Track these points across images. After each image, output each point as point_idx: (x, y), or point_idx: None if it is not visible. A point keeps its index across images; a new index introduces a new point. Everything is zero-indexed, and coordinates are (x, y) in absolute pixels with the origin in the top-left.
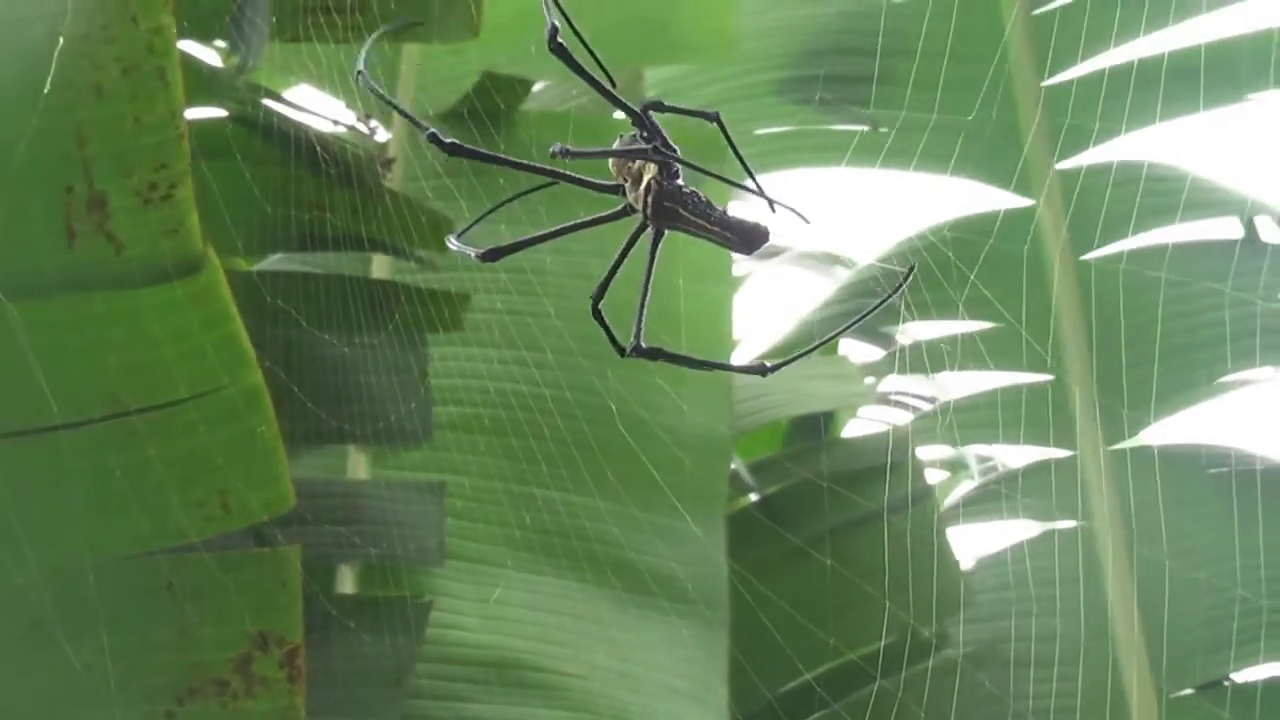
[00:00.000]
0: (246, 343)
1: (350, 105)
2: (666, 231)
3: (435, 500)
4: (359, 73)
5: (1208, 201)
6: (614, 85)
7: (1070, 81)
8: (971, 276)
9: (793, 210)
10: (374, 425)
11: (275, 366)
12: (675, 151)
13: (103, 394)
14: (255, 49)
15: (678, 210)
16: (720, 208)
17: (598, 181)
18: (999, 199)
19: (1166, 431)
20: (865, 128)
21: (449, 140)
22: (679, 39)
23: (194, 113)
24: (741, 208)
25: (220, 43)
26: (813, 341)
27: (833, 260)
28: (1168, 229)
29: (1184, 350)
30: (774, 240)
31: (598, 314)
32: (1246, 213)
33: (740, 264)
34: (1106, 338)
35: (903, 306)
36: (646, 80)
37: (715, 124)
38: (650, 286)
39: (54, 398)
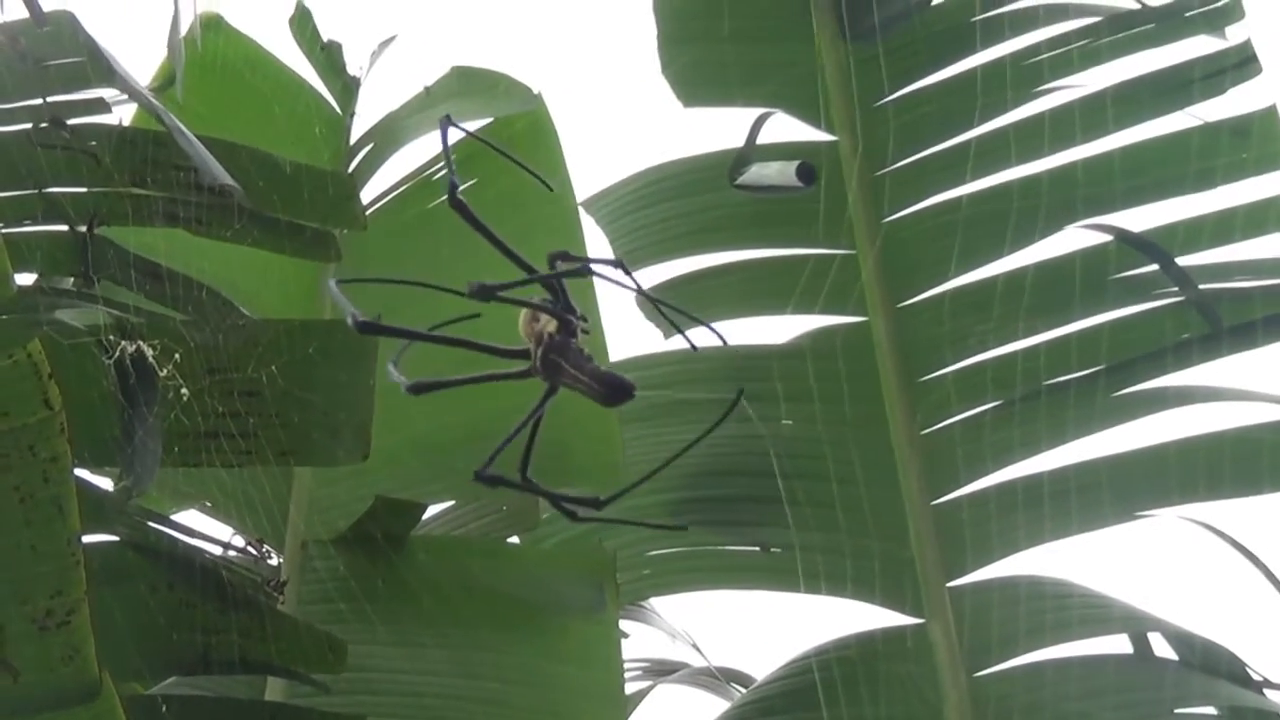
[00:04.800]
0: None
1: (241, 530)
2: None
3: None
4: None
5: (1099, 618)
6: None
7: (959, 499)
8: (864, 695)
9: (714, 331)
10: None
11: None
12: (576, 314)
13: None
14: (146, 474)
15: (560, 363)
16: (595, 364)
17: (508, 348)
18: (890, 618)
19: None
20: (756, 548)
21: (363, 319)
22: (571, 464)
23: (91, 538)
24: None
25: (111, 469)
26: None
27: (727, 678)
28: (1060, 646)
29: None
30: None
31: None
32: (1137, 628)
33: (634, 683)
34: None
35: None
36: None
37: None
38: (525, 430)
39: None
